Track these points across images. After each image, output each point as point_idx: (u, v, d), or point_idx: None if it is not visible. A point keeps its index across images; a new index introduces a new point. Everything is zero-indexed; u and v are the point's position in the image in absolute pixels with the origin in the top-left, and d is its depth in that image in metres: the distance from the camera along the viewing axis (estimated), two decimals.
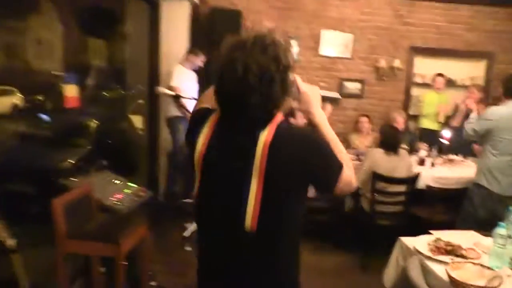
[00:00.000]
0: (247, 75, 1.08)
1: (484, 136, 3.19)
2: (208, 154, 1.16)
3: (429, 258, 1.97)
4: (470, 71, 5.66)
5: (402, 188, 3.45)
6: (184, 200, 4.04)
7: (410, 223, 3.51)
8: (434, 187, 3.70)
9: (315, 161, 1.15)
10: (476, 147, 4.17)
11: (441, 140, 4.42)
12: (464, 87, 5.46)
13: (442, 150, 4.43)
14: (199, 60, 4.40)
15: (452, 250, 2.02)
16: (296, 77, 1.25)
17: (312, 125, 1.29)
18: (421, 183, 3.68)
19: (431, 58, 5.48)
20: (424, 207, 3.63)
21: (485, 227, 3.35)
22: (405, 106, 5.49)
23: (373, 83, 5.41)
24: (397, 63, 5.28)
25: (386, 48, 5.33)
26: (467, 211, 3.34)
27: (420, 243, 2.12)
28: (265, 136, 1.09)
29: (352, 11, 5.21)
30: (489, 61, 5.54)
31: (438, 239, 2.10)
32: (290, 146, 1.13)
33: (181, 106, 4.20)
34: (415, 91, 5.60)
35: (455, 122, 4.65)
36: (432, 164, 4.12)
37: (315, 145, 1.18)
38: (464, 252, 2.01)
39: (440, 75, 5.10)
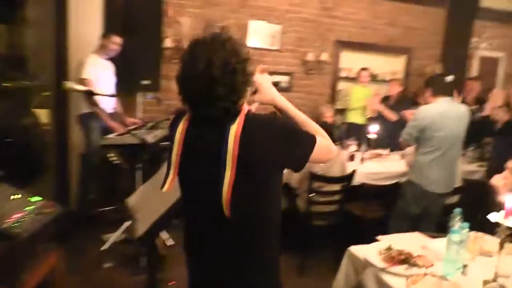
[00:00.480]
0: (210, 69, 1.14)
1: (417, 137, 3.20)
2: (184, 151, 1.25)
3: (385, 270, 1.84)
4: (391, 66, 5.83)
5: (337, 186, 3.36)
6: (101, 209, 3.56)
7: (345, 222, 3.46)
8: (367, 184, 3.68)
9: (285, 145, 1.22)
10: (401, 140, 4.25)
11: (368, 134, 4.44)
12: (386, 81, 5.61)
13: (370, 144, 4.46)
14: (114, 44, 3.81)
15: (405, 259, 1.91)
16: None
17: (279, 111, 1.39)
18: (355, 180, 3.64)
19: (356, 52, 5.53)
20: (358, 204, 3.58)
21: (417, 222, 3.42)
22: (332, 100, 5.49)
23: (301, 76, 5.31)
24: (324, 56, 5.23)
25: (314, 41, 5.25)
26: (400, 208, 3.36)
27: (371, 253, 1.98)
28: (235, 128, 1.17)
29: (280, 1, 5.03)
30: (408, 56, 5.75)
31: (389, 248, 1.98)
32: (259, 135, 1.19)
33: (94, 104, 3.66)
34: (341, 85, 5.63)
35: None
36: (362, 160, 4.11)
37: (282, 130, 1.24)
38: (416, 260, 1.91)
39: (364, 69, 5.16)
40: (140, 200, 1.74)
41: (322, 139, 1.31)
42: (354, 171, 3.41)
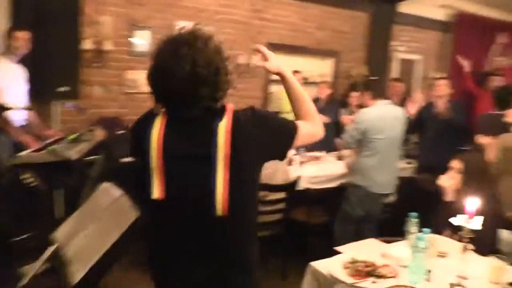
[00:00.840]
0: (195, 69, 1.12)
1: (359, 140, 3.21)
2: (166, 154, 1.18)
3: (354, 286, 1.72)
4: (320, 68, 5.90)
5: (281, 194, 3.22)
6: (15, 239, 3.03)
7: (289, 229, 3.35)
8: (310, 189, 3.60)
9: (272, 138, 1.24)
10: (338, 141, 4.27)
11: None
12: (315, 83, 5.65)
13: (307, 147, 4.41)
14: (19, 40, 3.27)
15: (371, 271, 1.81)
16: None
17: (282, 80, 1.41)
18: (298, 185, 3.54)
19: (287, 55, 5.49)
20: (302, 210, 3.48)
21: (360, 224, 3.42)
22: (265, 103, 5.39)
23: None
24: (256, 59, 5.09)
25: (245, 44, 5.10)
26: (345, 211, 3.33)
27: (335, 267, 1.85)
28: (225, 125, 1.15)
29: (209, 2, 4.80)
30: (336, 59, 5.86)
31: (354, 261, 1.87)
32: (248, 132, 1.18)
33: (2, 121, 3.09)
34: (273, 88, 5.55)
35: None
36: (301, 163, 4.04)
37: (268, 123, 1.25)
38: (381, 271, 1.82)
39: (297, 72, 5.12)
40: (72, 235, 1.42)
41: (305, 125, 1.33)
42: (298, 177, 3.30)
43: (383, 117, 3.17)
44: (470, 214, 1.75)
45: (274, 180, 3.19)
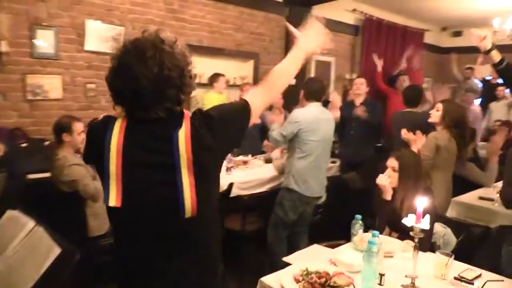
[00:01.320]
0: (163, 71, 1.14)
1: (291, 140, 3.15)
2: (125, 160, 1.17)
3: None
4: (241, 71, 5.81)
5: None
6: None
7: (224, 238, 3.18)
8: (241, 195, 3.46)
9: (227, 134, 1.25)
10: (266, 143, 4.20)
11: None
12: (237, 86, 5.56)
13: (233, 152, 4.28)
14: None
15: (326, 282, 1.72)
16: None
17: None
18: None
19: (207, 57, 5.31)
20: (236, 218, 3.34)
21: (293, 227, 3.37)
22: (187, 107, 5.14)
23: None
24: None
25: None
26: (277, 216, 3.25)
27: (288, 282, 1.73)
28: (184, 133, 1.16)
29: (121, 0, 4.43)
30: (255, 61, 5.81)
31: (307, 272, 1.76)
32: (204, 135, 1.19)
33: None
34: (193, 92, 5.32)
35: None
36: (228, 169, 3.88)
37: (218, 121, 1.23)
38: (337, 280, 1.74)
39: (221, 75, 4.97)
40: None
41: (255, 95, 1.36)
42: (231, 185, 3.15)
43: (317, 118, 3.15)
44: (419, 214, 1.75)
45: None
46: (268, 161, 4.41)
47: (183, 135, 1.15)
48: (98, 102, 4.34)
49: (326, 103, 5.58)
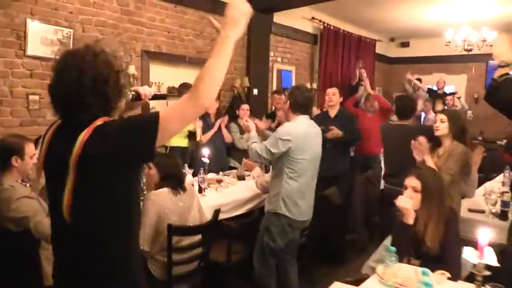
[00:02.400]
0: (81, 79, 1.21)
1: (279, 158, 2.78)
2: (46, 159, 1.31)
3: None
4: None
5: (199, 236, 2.62)
6: None
7: (209, 273, 2.77)
8: (223, 221, 3.05)
9: (124, 142, 1.21)
10: (245, 160, 3.83)
11: (203, 159, 3.83)
12: None
13: (205, 171, 3.85)
14: None
15: None
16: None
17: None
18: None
19: (165, 65, 4.83)
20: (221, 247, 2.90)
21: (281, 254, 3.01)
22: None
23: None
24: (132, 69, 4.32)
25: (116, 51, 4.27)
26: (265, 244, 2.86)
27: None
28: (82, 135, 1.19)
29: None
30: None
31: None
32: (104, 140, 1.20)
33: None
34: (152, 103, 4.81)
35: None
36: (200, 190, 3.44)
37: (120, 128, 1.24)
38: None
39: (188, 86, 4.50)
40: None
41: (169, 111, 1.26)
42: (218, 211, 2.72)
43: (308, 134, 2.82)
44: (482, 248, 1.49)
45: (189, 219, 2.57)
46: (241, 178, 4.05)
47: (81, 137, 1.19)
48: (44, 116, 3.70)
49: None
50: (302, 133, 2.77)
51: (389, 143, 3.71)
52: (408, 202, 2.12)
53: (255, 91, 5.80)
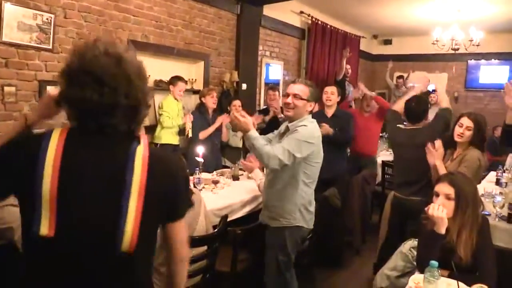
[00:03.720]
0: (115, 86, 1.04)
1: (294, 164, 2.42)
2: (63, 175, 1.00)
3: None
4: (190, 73, 5.10)
5: (205, 247, 2.38)
6: None
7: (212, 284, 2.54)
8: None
9: (177, 188, 1.15)
10: (243, 162, 3.59)
11: (197, 158, 3.57)
12: (187, 90, 4.85)
13: (199, 168, 3.60)
14: None
15: None
16: None
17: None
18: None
19: (153, 57, 4.51)
20: (226, 256, 2.66)
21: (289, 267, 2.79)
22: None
23: None
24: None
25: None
26: (281, 263, 2.59)
27: None
28: (142, 150, 1.06)
29: None
30: (205, 63, 5.14)
31: None
32: (163, 164, 1.11)
33: None
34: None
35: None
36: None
37: (184, 179, 1.24)
38: None
39: (179, 78, 4.22)
40: None
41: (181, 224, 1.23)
42: (225, 217, 2.49)
43: (320, 135, 2.61)
44: None
45: (196, 229, 2.34)
46: (235, 178, 3.83)
47: (141, 151, 1.05)
48: (20, 110, 3.33)
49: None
50: (319, 134, 2.56)
51: (403, 151, 3.40)
52: (442, 211, 1.96)
53: (244, 86, 5.56)
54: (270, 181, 2.61)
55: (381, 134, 5.38)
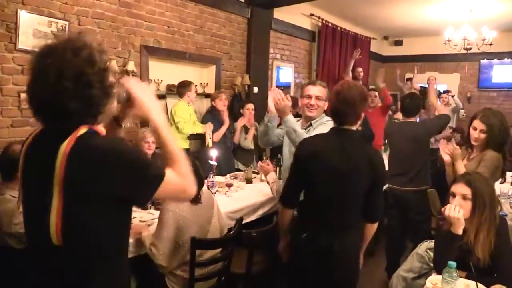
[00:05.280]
0: (60, 81, 1.04)
1: None
2: (23, 170, 1.16)
3: None
4: (201, 77, 5.13)
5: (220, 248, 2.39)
6: None
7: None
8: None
9: (120, 174, 1.09)
10: (260, 164, 3.60)
11: (211, 162, 3.59)
12: (199, 94, 4.90)
13: (214, 174, 3.61)
14: None
15: None
16: (127, 80, 1.23)
17: (152, 131, 1.26)
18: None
19: (165, 61, 4.56)
20: (238, 258, 2.68)
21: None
22: (145, 120, 4.34)
23: None
24: (131, 66, 4.03)
25: (115, 45, 3.99)
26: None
27: None
28: (64, 147, 1.06)
29: None
30: (217, 67, 5.17)
31: None
32: (91, 161, 1.07)
33: None
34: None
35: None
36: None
37: (122, 160, 1.11)
38: None
39: (191, 82, 4.26)
40: None
41: (175, 176, 1.19)
42: (241, 219, 2.50)
43: None
44: None
45: (209, 227, 2.35)
46: (248, 181, 3.84)
47: (63, 148, 1.05)
48: None
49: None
50: None
51: (396, 142, 3.58)
52: (459, 211, 1.95)
53: (255, 89, 5.57)
54: None
55: None
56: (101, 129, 1.16)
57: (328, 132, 2.08)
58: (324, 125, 2.48)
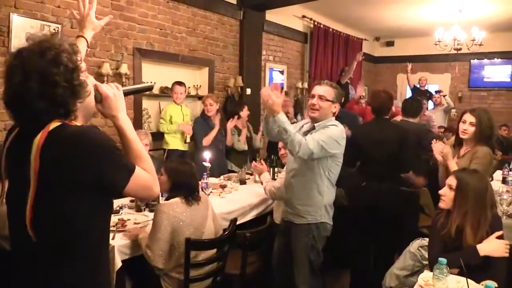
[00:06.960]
0: (27, 81, 1.08)
1: (317, 162, 2.41)
2: (5, 167, 1.21)
3: None
4: (194, 79, 5.15)
5: (215, 249, 2.41)
6: None
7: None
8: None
9: (90, 163, 1.11)
10: (254, 164, 3.61)
11: (204, 163, 3.60)
12: (191, 96, 4.92)
13: (207, 173, 3.63)
14: None
15: None
16: (96, 82, 1.24)
17: (116, 129, 1.26)
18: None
19: (158, 64, 4.57)
20: (233, 259, 2.70)
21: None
22: (139, 122, 4.35)
23: None
24: (124, 68, 4.04)
25: (108, 48, 4.00)
26: (314, 264, 2.55)
27: None
28: (37, 140, 1.10)
29: None
30: (210, 69, 5.20)
31: None
32: (62, 149, 1.10)
33: None
34: (145, 104, 4.56)
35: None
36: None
37: (90, 147, 1.12)
38: None
39: (179, 83, 4.28)
40: None
41: (144, 173, 1.22)
42: (235, 220, 2.52)
43: (345, 140, 2.61)
44: None
45: (204, 229, 2.37)
46: (242, 182, 3.86)
47: (36, 143, 1.09)
48: None
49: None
50: (345, 138, 2.55)
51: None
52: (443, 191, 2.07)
53: (248, 91, 5.60)
54: (296, 177, 2.56)
55: None
56: (76, 124, 1.17)
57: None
58: (327, 129, 2.38)
